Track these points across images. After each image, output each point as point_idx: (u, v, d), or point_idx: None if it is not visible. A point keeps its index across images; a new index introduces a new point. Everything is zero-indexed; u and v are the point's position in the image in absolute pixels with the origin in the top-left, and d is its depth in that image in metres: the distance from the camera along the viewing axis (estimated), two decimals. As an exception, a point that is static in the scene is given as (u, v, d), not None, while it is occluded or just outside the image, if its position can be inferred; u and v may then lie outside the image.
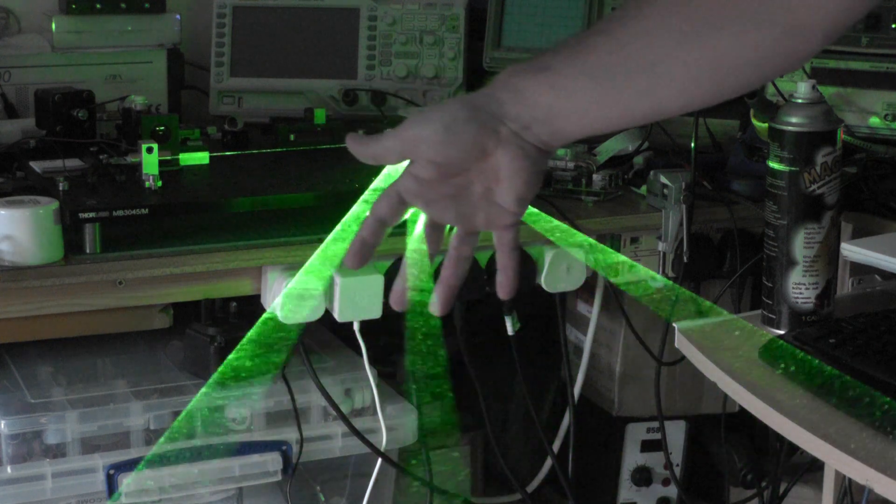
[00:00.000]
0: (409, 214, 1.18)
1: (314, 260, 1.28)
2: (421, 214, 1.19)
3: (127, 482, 1.61)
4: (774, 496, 1.99)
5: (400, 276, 1.20)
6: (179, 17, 2.11)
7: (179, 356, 1.78)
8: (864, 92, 1.94)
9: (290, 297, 1.54)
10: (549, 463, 2.02)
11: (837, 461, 1.26)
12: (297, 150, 1.93)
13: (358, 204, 1.24)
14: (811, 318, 1.52)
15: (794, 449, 1.91)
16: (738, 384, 1.40)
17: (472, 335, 1.88)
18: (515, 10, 2.14)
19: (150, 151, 1.68)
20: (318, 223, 1.61)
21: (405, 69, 2.15)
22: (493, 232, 1.18)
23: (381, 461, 1.75)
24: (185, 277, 1.61)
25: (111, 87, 2.04)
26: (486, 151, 1.12)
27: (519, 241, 1.18)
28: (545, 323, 1.98)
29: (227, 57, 2.16)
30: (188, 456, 1.65)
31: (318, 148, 1.94)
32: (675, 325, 1.54)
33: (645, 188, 1.85)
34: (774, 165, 1.51)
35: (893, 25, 1.92)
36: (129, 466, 1.62)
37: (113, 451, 1.65)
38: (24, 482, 1.60)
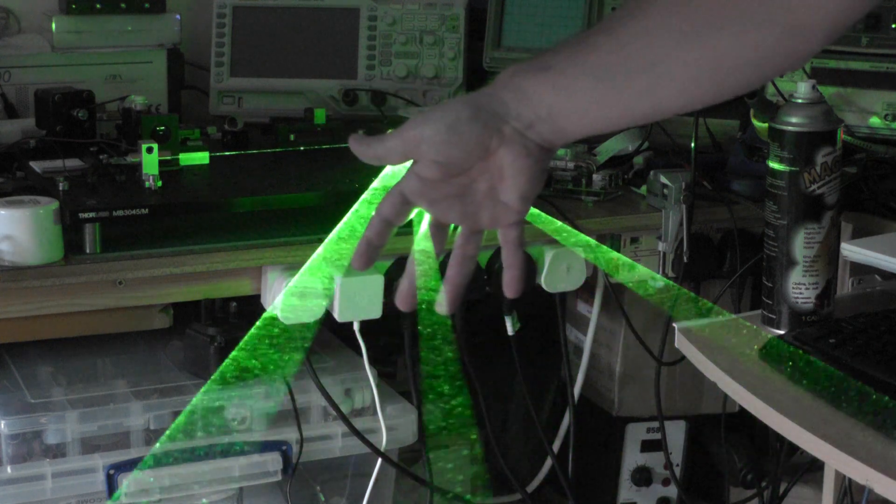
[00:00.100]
0: (413, 214, 1.19)
1: (314, 260, 1.28)
2: (425, 214, 1.19)
3: (127, 482, 1.61)
4: (774, 496, 1.99)
5: (406, 276, 1.20)
6: (179, 17, 2.11)
7: (179, 356, 1.78)
8: (864, 92, 1.94)
9: (290, 296, 1.54)
10: (549, 463, 2.02)
11: (837, 461, 1.26)
12: (297, 150, 1.93)
13: (358, 204, 1.24)
14: (811, 318, 1.52)
15: (794, 449, 1.91)
16: (738, 384, 1.40)
17: (472, 335, 1.88)
18: (515, 10, 2.14)
19: (150, 151, 1.68)
20: (318, 223, 1.62)
21: (405, 69, 2.15)
22: (497, 230, 1.18)
23: (381, 461, 1.75)
24: (185, 277, 1.61)
25: (111, 87, 2.04)
26: (489, 150, 1.13)
27: (524, 238, 1.18)
28: (545, 323, 1.98)
29: (227, 57, 2.16)
30: (188, 456, 1.65)
31: (318, 148, 1.94)
32: (675, 325, 1.54)
33: (645, 188, 1.85)
34: (774, 165, 1.51)
35: (893, 25, 1.92)
36: (129, 466, 1.62)
37: (113, 451, 1.65)
38: (24, 482, 1.60)
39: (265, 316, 1.42)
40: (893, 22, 1.92)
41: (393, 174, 1.22)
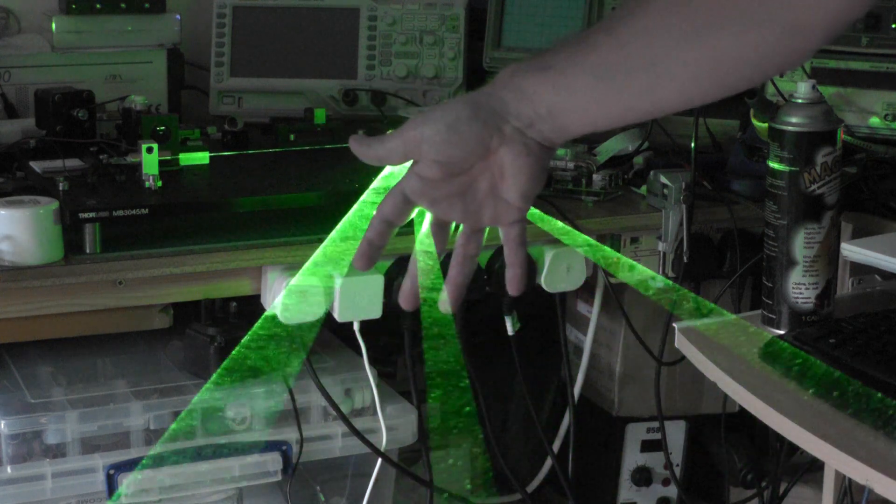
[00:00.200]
0: (414, 214, 1.19)
1: (314, 260, 1.28)
2: (426, 213, 1.19)
3: (127, 482, 1.61)
4: (774, 496, 1.99)
5: (408, 275, 1.21)
6: (179, 17, 2.11)
7: (179, 356, 1.78)
8: (864, 92, 1.94)
9: (290, 296, 1.54)
10: (549, 463, 2.02)
11: (837, 461, 1.26)
12: (297, 150, 1.93)
13: (358, 203, 1.24)
14: (811, 318, 1.52)
15: (794, 449, 1.91)
16: (738, 384, 1.40)
17: (472, 335, 1.88)
18: (515, 10, 2.14)
19: (150, 151, 1.68)
20: (318, 223, 1.62)
21: (405, 69, 2.15)
22: (500, 228, 1.18)
23: (381, 461, 1.75)
24: (185, 277, 1.61)
25: (111, 87, 2.04)
26: (489, 149, 1.13)
27: (525, 236, 1.18)
28: (545, 323, 1.98)
29: (227, 57, 2.16)
30: (188, 456, 1.65)
31: (318, 148, 1.94)
32: (675, 325, 1.54)
33: (645, 188, 1.85)
34: (774, 165, 1.51)
35: (893, 25, 1.92)
36: (129, 466, 1.62)
37: (113, 451, 1.65)
38: (24, 482, 1.60)
39: (265, 316, 1.42)
40: (893, 22, 1.92)
41: (393, 174, 1.22)
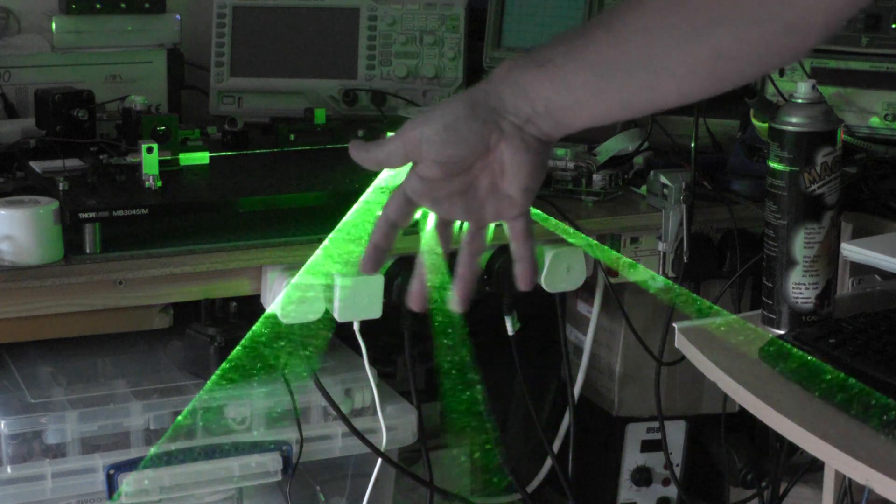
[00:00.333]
0: (418, 215, 1.19)
1: (314, 260, 1.28)
2: (430, 214, 1.19)
3: (127, 482, 1.61)
4: (774, 496, 1.99)
5: (416, 277, 1.20)
6: (179, 17, 2.11)
7: (179, 356, 1.78)
8: (864, 92, 1.94)
9: (290, 296, 1.54)
10: (549, 463, 2.02)
11: (837, 461, 1.26)
12: (297, 150, 1.93)
13: (359, 203, 1.24)
14: (811, 318, 1.52)
15: (794, 449, 1.91)
16: (738, 384, 1.40)
17: (472, 335, 1.88)
18: (515, 10, 2.14)
19: (150, 151, 1.68)
20: (318, 223, 1.62)
21: (405, 69, 2.15)
22: (505, 224, 1.18)
23: (381, 461, 1.75)
24: (185, 277, 1.61)
25: (111, 87, 2.04)
26: (488, 147, 1.13)
27: (531, 230, 1.18)
28: (545, 323, 1.98)
29: (227, 57, 2.16)
30: (188, 456, 1.65)
31: (318, 148, 1.94)
32: (675, 325, 1.54)
33: (645, 188, 1.85)
34: (774, 165, 1.51)
35: (893, 25, 1.92)
36: (129, 466, 1.62)
37: (113, 451, 1.65)
38: (24, 482, 1.60)
39: (265, 316, 1.42)
40: (893, 22, 1.92)
41: (394, 174, 1.22)
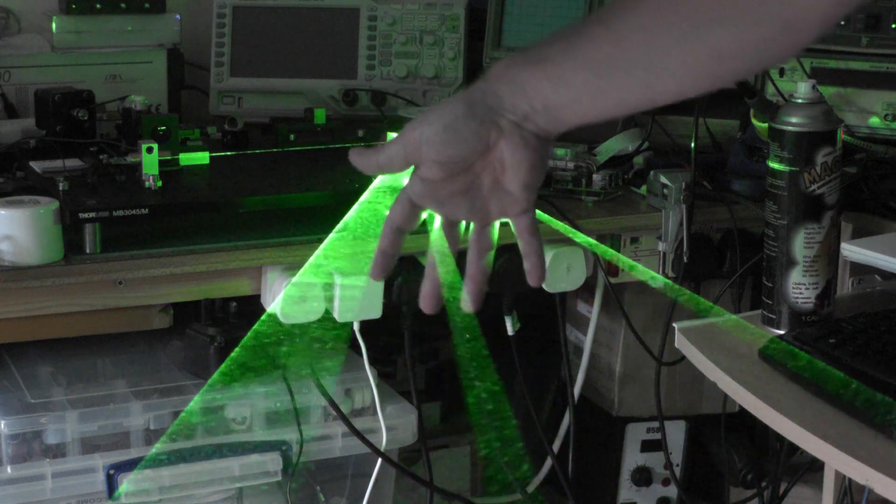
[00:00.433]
0: (424, 217, 1.19)
1: (314, 260, 1.28)
2: (436, 216, 1.19)
3: (127, 482, 1.61)
4: (774, 496, 1.99)
5: (427, 278, 1.20)
6: (179, 17, 2.11)
7: (179, 356, 1.78)
8: (864, 92, 1.94)
9: (290, 296, 1.54)
10: (549, 463, 2.02)
11: (837, 461, 1.26)
12: (297, 150, 1.93)
13: (359, 204, 1.24)
14: (811, 318, 1.52)
15: (794, 449, 1.91)
16: (738, 384, 1.40)
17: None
18: (515, 10, 2.14)
19: (150, 151, 1.68)
20: (317, 223, 1.62)
21: (405, 69, 2.15)
22: (510, 220, 1.18)
23: (381, 461, 1.75)
24: (185, 277, 1.61)
25: (111, 87, 2.04)
26: (488, 145, 1.13)
27: (537, 226, 1.19)
28: (545, 323, 1.98)
29: (227, 57, 2.16)
30: (188, 456, 1.65)
31: (318, 148, 1.94)
32: (675, 325, 1.54)
33: (645, 188, 1.85)
34: (774, 165, 1.51)
35: (893, 25, 1.92)
36: (129, 466, 1.62)
37: (113, 451, 1.65)
38: (24, 482, 1.60)
39: (265, 316, 1.42)
40: (893, 22, 1.92)
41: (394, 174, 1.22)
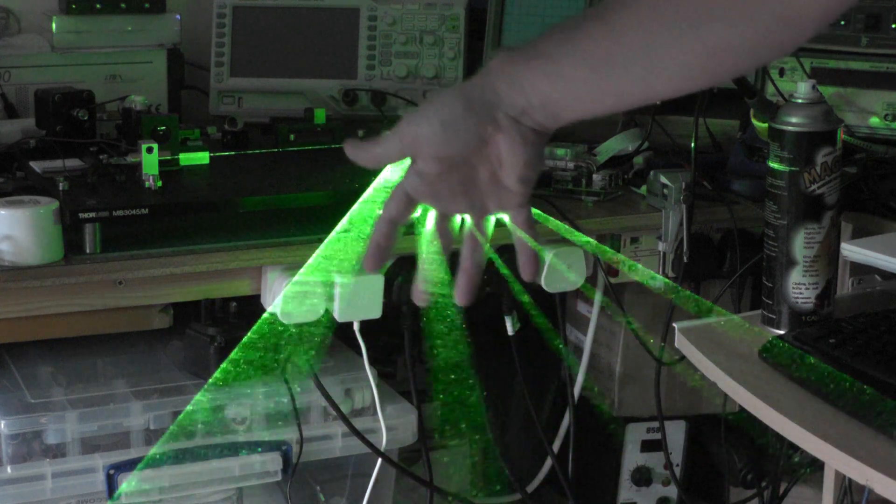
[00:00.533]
0: (419, 212, 1.19)
1: (314, 259, 1.28)
2: (430, 211, 1.19)
3: (127, 482, 1.61)
4: (774, 496, 1.99)
5: (419, 273, 1.21)
6: (179, 17, 2.11)
7: (179, 356, 1.78)
8: (864, 92, 1.94)
9: (290, 296, 1.54)
10: (549, 463, 2.02)
11: (837, 461, 1.26)
12: (297, 150, 1.93)
13: (359, 203, 1.24)
14: (811, 318, 1.52)
15: (794, 449, 1.91)
16: (738, 384, 1.40)
17: (472, 335, 1.88)
18: (515, 10, 2.14)
19: (150, 151, 1.68)
20: (317, 223, 1.61)
21: (405, 69, 2.15)
22: (507, 213, 1.18)
23: (381, 461, 1.75)
24: (185, 277, 1.61)
25: (111, 87, 2.04)
26: (485, 140, 1.13)
27: (532, 220, 1.19)
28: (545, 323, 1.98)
29: (227, 57, 2.16)
30: (188, 456, 1.65)
31: (318, 148, 1.94)
32: (675, 325, 1.54)
33: (645, 188, 1.85)
34: (774, 165, 1.51)
35: (893, 25, 1.92)
36: (129, 466, 1.62)
37: (113, 451, 1.65)
38: (24, 482, 1.60)
39: (265, 316, 1.42)
40: (893, 22, 1.92)
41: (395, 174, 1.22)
